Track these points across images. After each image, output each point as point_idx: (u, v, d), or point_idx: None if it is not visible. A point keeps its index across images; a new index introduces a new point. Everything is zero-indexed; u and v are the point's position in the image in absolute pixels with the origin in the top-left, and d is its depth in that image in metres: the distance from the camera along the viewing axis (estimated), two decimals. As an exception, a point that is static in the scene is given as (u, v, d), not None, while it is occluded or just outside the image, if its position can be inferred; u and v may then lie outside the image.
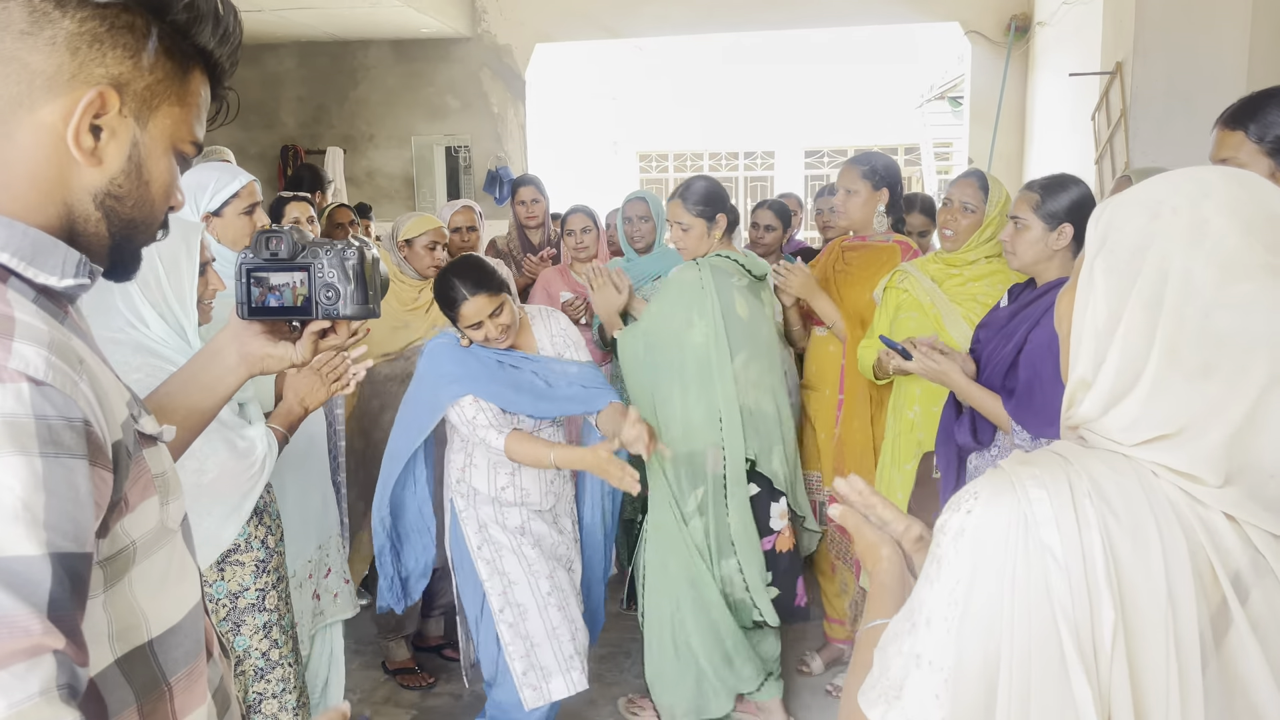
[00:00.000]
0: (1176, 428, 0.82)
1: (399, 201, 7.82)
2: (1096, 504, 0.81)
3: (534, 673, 2.67)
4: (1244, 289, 0.80)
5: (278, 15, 6.62)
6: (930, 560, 0.87)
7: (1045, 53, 6.31)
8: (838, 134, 12.98)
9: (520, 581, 2.68)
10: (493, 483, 2.72)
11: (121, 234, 0.92)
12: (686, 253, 3.02)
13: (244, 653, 2.24)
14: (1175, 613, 0.79)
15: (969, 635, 0.82)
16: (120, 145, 0.87)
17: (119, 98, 0.85)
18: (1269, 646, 0.80)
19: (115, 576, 0.86)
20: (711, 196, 2.98)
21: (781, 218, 4.24)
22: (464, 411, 2.62)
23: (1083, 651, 0.78)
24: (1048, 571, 0.80)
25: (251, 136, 7.90)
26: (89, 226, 0.89)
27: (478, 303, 2.55)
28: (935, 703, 0.84)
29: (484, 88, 7.57)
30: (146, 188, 0.91)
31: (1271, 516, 0.80)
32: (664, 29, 7.53)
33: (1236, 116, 1.86)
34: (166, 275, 1.98)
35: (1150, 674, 0.79)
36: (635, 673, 3.47)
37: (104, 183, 0.88)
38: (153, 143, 0.90)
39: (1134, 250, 0.84)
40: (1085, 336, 0.88)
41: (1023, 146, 6.76)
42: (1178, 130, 4.31)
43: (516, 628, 2.68)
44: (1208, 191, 0.83)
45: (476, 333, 2.62)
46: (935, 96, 10.23)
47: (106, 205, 0.89)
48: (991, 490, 0.85)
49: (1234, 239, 0.80)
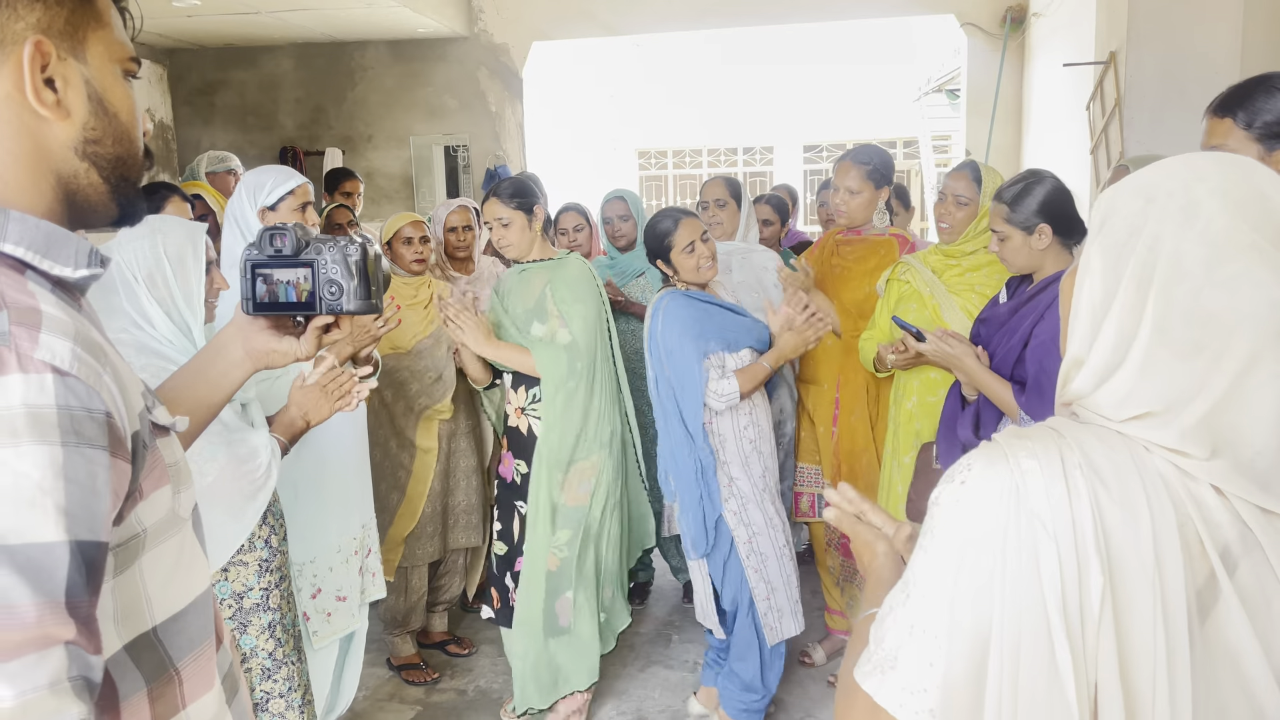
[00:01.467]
0: (1164, 405, 0.83)
1: (398, 201, 7.83)
2: (1087, 475, 0.83)
3: (772, 614, 2.98)
4: (1231, 269, 0.82)
5: (274, 17, 6.63)
6: (924, 532, 0.89)
7: (1040, 44, 6.32)
8: (836, 128, 12.98)
9: (763, 532, 2.94)
10: (735, 424, 2.94)
11: (115, 174, 0.92)
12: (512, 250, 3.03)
13: (250, 652, 2.27)
14: (1163, 582, 0.80)
15: (961, 603, 0.84)
16: (77, 88, 0.88)
17: (52, 43, 0.86)
18: (1256, 618, 0.82)
19: (125, 563, 0.88)
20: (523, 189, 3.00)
21: (779, 211, 4.27)
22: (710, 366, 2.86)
23: (1069, 620, 0.80)
24: (1037, 540, 0.81)
25: (250, 138, 7.91)
26: (82, 181, 0.90)
27: (691, 225, 2.88)
28: (929, 670, 0.86)
29: (481, 87, 7.58)
30: (116, 119, 0.92)
31: (1259, 490, 0.82)
32: (661, 25, 7.53)
33: (1226, 104, 1.87)
34: (174, 274, 2.01)
35: (1137, 641, 0.80)
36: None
37: (78, 132, 0.88)
38: (100, 73, 0.90)
39: (1129, 232, 0.86)
40: (1081, 315, 0.90)
41: (1019, 138, 6.77)
42: (1172, 119, 4.32)
43: (761, 573, 2.96)
44: (1202, 176, 0.85)
45: (689, 259, 2.88)
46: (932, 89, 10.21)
47: (89, 153, 0.89)
48: (985, 461, 0.87)
49: (1223, 220, 0.83)
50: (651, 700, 3.38)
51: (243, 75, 7.91)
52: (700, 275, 2.91)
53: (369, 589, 2.87)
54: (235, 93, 7.95)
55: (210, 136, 7.92)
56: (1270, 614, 0.82)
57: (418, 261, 3.54)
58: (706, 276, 2.94)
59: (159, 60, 7.81)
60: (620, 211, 3.98)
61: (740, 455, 2.93)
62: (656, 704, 3.36)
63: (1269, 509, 0.82)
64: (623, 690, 3.45)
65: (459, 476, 3.58)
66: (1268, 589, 0.82)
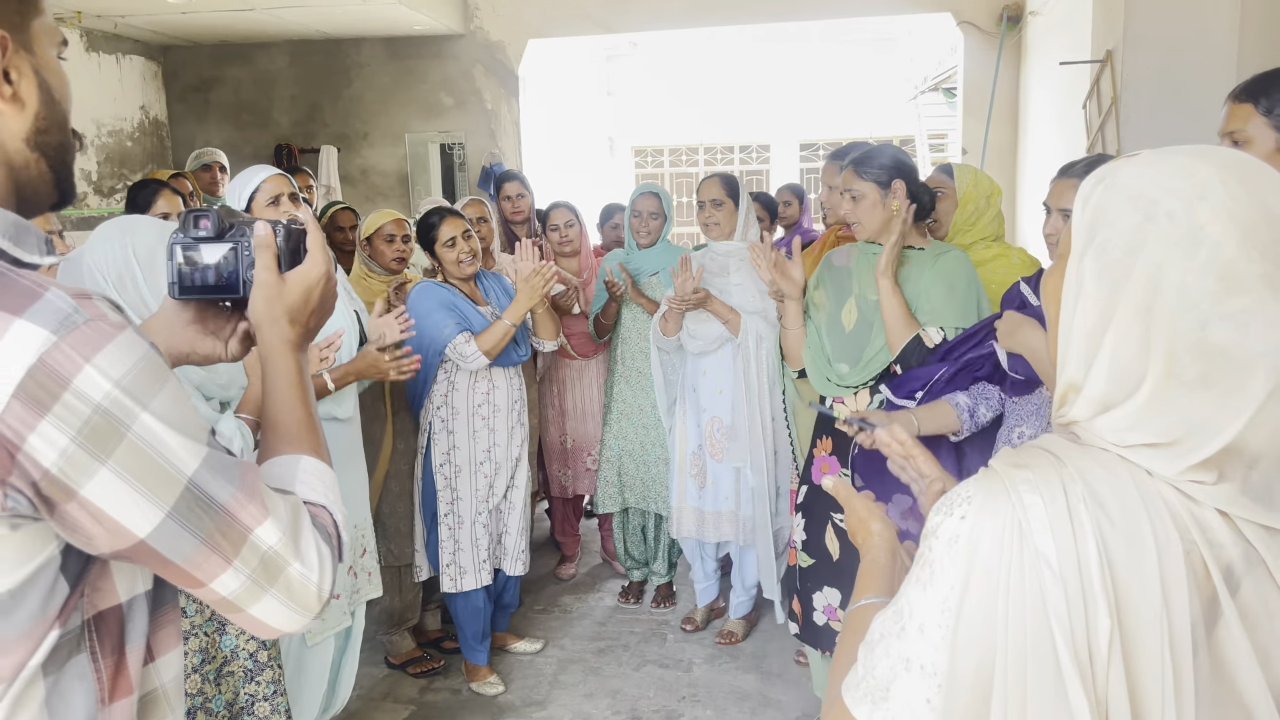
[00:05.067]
0: (1170, 438, 0.81)
1: (394, 199, 7.81)
2: (1091, 509, 0.80)
3: (455, 568, 3.37)
4: (1241, 301, 0.78)
5: (269, 14, 6.61)
6: (922, 563, 0.86)
7: (1037, 42, 6.31)
8: (833, 127, 12.96)
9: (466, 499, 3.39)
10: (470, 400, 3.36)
11: (59, 162, 0.92)
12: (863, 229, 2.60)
13: (231, 654, 2.25)
14: (1170, 616, 0.78)
15: (962, 643, 0.81)
16: (29, 79, 0.88)
17: (9, 36, 0.85)
18: (1256, 635, 0.80)
19: None
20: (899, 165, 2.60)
21: (768, 209, 4.29)
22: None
23: (1078, 660, 0.78)
24: (1043, 580, 0.79)
25: (245, 136, 7.89)
26: (31, 171, 0.90)
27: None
28: (927, 708, 0.84)
29: (477, 84, 7.56)
30: (59, 106, 0.92)
31: (1264, 510, 0.80)
32: (658, 23, 7.50)
33: (1249, 89, 1.90)
34: (144, 275, 1.99)
35: (1146, 678, 0.78)
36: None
37: (30, 123, 0.88)
38: (44, 62, 0.90)
39: (1125, 251, 0.82)
40: (1074, 338, 0.86)
41: (1016, 136, 6.76)
42: (1168, 117, 4.31)
43: (453, 533, 3.35)
44: (1204, 193, 0.80)
45: (450, 252, 3.31)
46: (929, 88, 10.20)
47: (38, 143, 0.89)
48: (985, 494, 0.84)
49: (1231, 247, 0.78)
50: (646, 700, 3.38)
51: (238, 72, 7.88)
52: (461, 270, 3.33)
53: (364, 588, 2.88)
54: (230, 90, 7.92)
55: (205, 133, 7.89)
56: (1272, 629, 0.81)
57: (398, 260, 3.53)
58: (466, 272, 3.35)
59: (153, 57, 7.78)
60: (652, 208, 3.92)
61: (469, 428, 3.35)
62: (651, 703, 3.36)
63: (1274, 527, 0.81)
64: (617, 689, 3.45)
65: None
66: (1270, 604, 0.81)
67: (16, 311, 0.78)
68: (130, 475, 0.82)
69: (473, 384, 3.35)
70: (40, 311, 0.79)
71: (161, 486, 0.83)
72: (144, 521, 0.83)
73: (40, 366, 0.77)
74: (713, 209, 3.55)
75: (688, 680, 3.50)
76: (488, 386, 3.37)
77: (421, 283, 3.34)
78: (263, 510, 0.90)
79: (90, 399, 0.79)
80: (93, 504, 0.81)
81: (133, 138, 7.51)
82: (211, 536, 0.86)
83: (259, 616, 0.91)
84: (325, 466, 1.07)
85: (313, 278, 1.11)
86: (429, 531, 3.43)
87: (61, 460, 0.78)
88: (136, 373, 0.82)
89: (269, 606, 0.90)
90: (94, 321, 0.81)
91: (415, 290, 3.31)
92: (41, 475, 0.79)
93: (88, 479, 0.80)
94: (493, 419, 3.38)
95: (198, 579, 0.87)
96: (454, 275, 3.35)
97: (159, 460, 0.83)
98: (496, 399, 3.39)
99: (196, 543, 0.85)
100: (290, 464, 1.04)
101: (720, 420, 3.57)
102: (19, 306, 0.78)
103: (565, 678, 3.55)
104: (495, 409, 3.39)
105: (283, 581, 0.90)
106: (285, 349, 1.09)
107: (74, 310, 0.80)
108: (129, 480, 0.82)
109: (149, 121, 7.73)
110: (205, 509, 0.86)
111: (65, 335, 0.79)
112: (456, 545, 3.36)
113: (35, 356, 0.77)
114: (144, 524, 0.83)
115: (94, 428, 0.79)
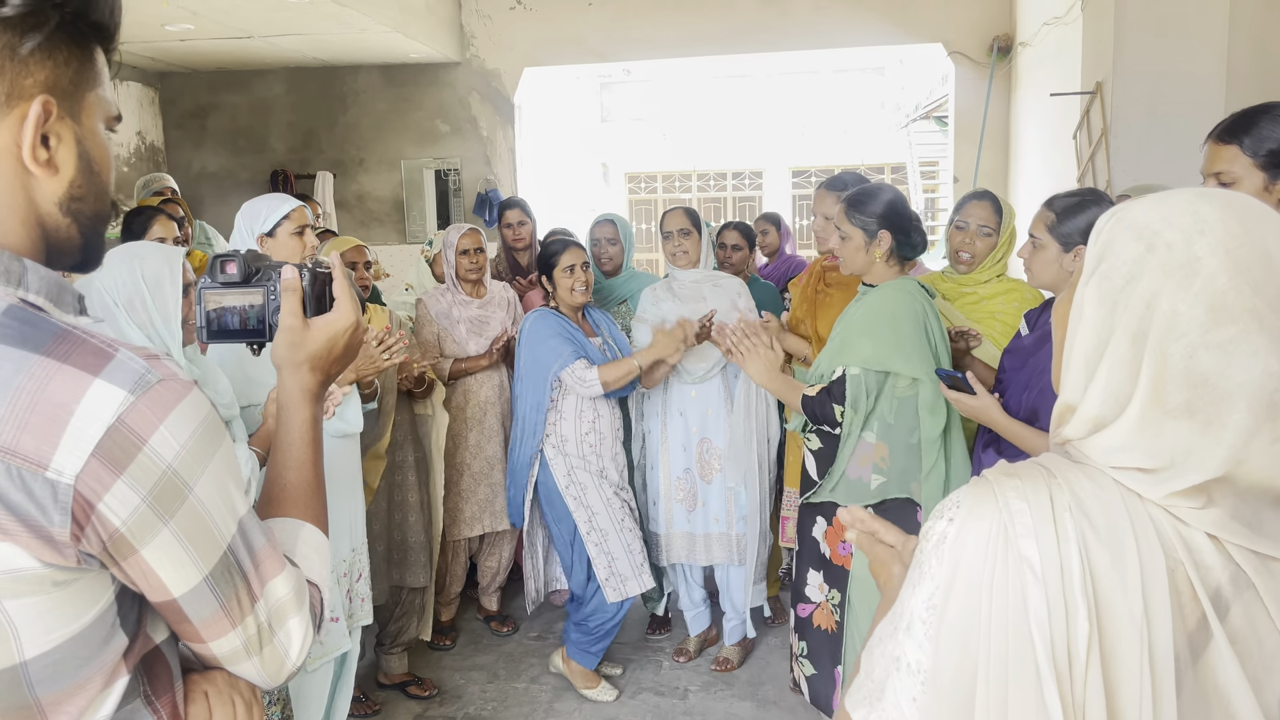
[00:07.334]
0: (1156, 464, 0.83)
1: (389, 225, 7.84)
2: (1076, 518, 0.82)
3: (615, 578, 3.42)
4: (1228, 332, 0.80)
5: (267, 41, 6.66)
6: (913, 565, 0.89)
7: (1027, 73, 6.38)
8: (825, 154, 13.06)
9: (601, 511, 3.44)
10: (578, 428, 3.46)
11: (91, 230, 0.93)
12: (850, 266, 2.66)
13: None
14: (1150, 628, 0.79)
15: (945, 641, 0.83)
16: (69, 147, 0.87)
17: (56, 102, 0.85)
18: (1247, 659, 0.81)
19: None
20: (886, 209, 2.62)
21: (746, 237, 4.33)
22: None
23: (1057, 663, 0.79)
24: (1025, 583, 0.81)
25: (242, 162, 7.92)
26: (61, 235, 0.89)
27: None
28: (912, 705, 0.86)
29: (473, 112, 7.61)
30: (99, 177, 0.92)
31: (1252, 535, 0.81)
32: (651, 52, 7.58)
33: (1231, 130, 1.86)
34: (152, 298, 2.05)
35: (1124, 687, 0.79)
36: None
37: (64, 189, 0.88)
38: (89, 132, 0.90)
39: (1126, 279, 0.84)
40: (1074, 360, 0.89)
41: (1007, 164, 6.82)
42: (1158, 148, 4.37)
43: (601, 546, 3.42)
44: (1204, 228, 0.82)
45: (567, 279, 3.43)
46: (920, 116, 10.30)
47: (72, 209, 0.89)
48: (973, 500, 0.86)
49: (1223, 279, 0.80)
50: (642, 728, 3.37)
51: (234, 99, 7.92)
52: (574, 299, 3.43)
53: (357, 614, 2.87)
54: (227, 116, 7.95)
55: (201, 160, 7.92)
56: (1263, 654, 0.82)
57: (360, 289, 3.54)
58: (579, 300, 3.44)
59: (150, 83, 7.82)
60: (609, 234, 4.00)
61: (579, 452, 3.45)
62: (647, 732, 3.34)
63: (1263, 552, 0.82)
64: (612, 717, 3.44)
65: (405, 511, 3.53)
66: (1260, 629, 0.82)
67: (94, 371, 0.79)
68: (185, 537, 0.84)
69: (579, 413, 3.45)
70: (116, 371, 0.80)
71: (207, 549, 0.86)
72: (183, 583, 0.85)
73: (119, 426, 0.78)
74: (680, 238, 3.65)
75: (683, 708, 3.49)
76: (593, 415, 3.48)
77: (538, 310, 3.48)
78: (280, 565, 0.94)
79: (163, 459, 0.80)
80: (146, 563, 0.82)
81: (129, 163, 7.54)
82: (229, 601, 0.89)
83: (234, 673, 0.96)
84: (324, 538, 1.09)
85: (339, 327, 1.12)
86: (563, 555, 3.53)
87: (131, 519, 0.80)
88: (201, 433, 0.84)
89: (246, 669, 0.95)
90: (166, 381, 0.82)
91: (532, 316, 3.47)
92: (111, 534, 0.80)
93: (151, 539, 0.81)
94: (600, 445, 3.49)
95: (203, 637, 0.90)
96: (565, 303, 3.49)
97: (209, 523, 0.86)
98: (602, 427, 3.50)
99: (216, 606, 0.88)
100: (292, 530, 1.06)
101: (710, 441, 3.59)
102: (95, 366, 0.79)
103: (560, 705, 3.54)
104: (601, 437, 3.50)
105: (267, 652, 0.94)
106: (303, 399, 1.10)
107: (147, 370, 0.81)
108: (183, 542, 0.84)
109: (146, 147, 7.75)
110: (234, 570, 0.89)
111: (142, 395, 0.80)
112: (610, 556, 3.43)
113: (114, 416, 0.78)
114: (182, 585, 0.85)
115: (163, 488, 0.81)
